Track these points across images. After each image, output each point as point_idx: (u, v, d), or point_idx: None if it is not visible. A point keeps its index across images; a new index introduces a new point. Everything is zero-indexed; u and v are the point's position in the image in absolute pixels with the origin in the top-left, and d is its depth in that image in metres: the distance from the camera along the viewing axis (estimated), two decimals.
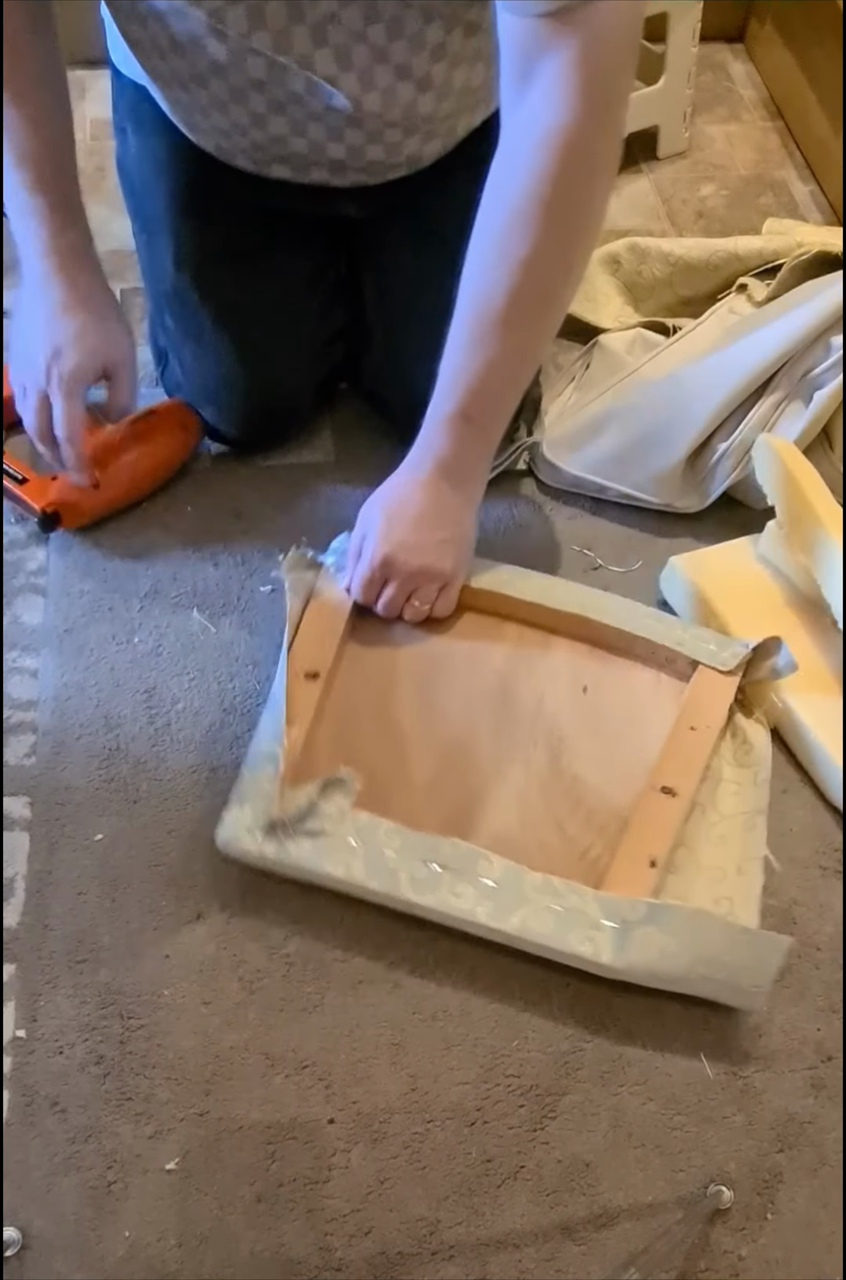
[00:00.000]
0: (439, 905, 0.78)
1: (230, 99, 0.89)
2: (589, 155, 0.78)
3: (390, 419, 1.10)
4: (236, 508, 1.07)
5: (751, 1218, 0.73)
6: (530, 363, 0.88)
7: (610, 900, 0.77)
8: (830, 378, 1.03)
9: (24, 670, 0.96)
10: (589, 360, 1.18)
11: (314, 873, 0.80)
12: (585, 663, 0.93)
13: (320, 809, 0.80)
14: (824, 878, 0.86)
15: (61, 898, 0.83)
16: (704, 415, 1.03)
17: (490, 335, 0.83)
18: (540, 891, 0.78)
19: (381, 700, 0.91)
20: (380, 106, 0.88)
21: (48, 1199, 0.72)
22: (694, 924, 0.76)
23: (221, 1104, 0.75)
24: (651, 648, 0.91)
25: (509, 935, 0.77)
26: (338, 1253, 0.71)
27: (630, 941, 0.75)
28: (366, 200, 1.00)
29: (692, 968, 0.75)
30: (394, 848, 0.79)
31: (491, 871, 0.78)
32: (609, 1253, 0.71)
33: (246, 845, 0.80)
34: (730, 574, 0.99)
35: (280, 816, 0.79)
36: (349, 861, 0.79)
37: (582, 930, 0.76)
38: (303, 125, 0.91)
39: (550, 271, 0.82)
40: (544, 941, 0.77)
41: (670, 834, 0.81)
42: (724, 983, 0.76)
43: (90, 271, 0.94)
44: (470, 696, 0.91)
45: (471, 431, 0.87)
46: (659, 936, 0.75)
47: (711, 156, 1.52)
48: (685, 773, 0.84)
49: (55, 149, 0.91)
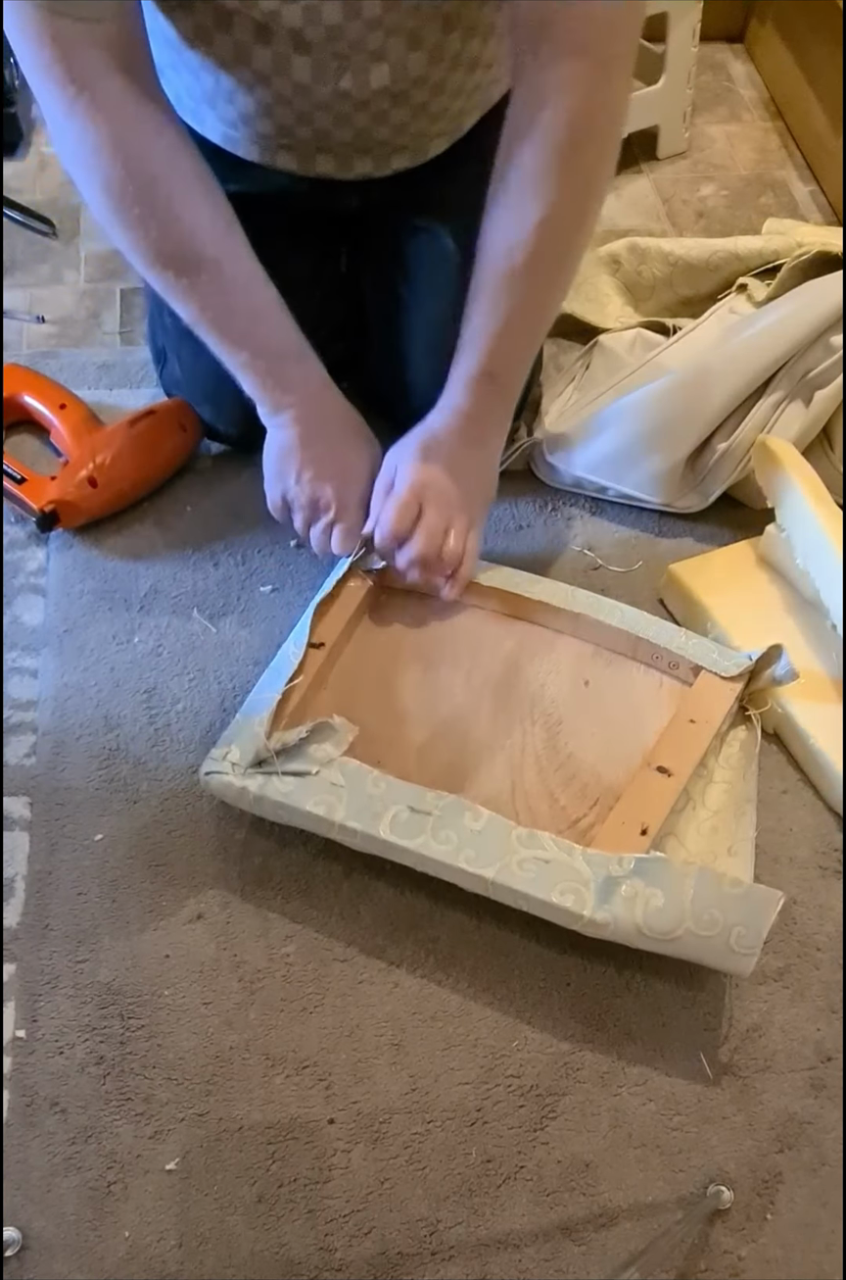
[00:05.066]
0: (419, 849, 0.77)
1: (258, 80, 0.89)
2: (599, 113, 0.82)
3: (391, 418, 1.10)
4: (236, 508, 1.07)
5: (751, 1218, 0.73)
6: (548, 318, 0.91)
7: (597, 856, 0.76)
8: (830, 377, 1.03)
9: (24, 670, 0.96)
10: (589, 360, 1.18)
11: (294, 810, 0.80)
12: (589, 660, 0.93)
13: (308, 752, 0.81)
14: (824, 878, 0.86)
15: (61, 898, 0.83)
16: (704, 415, 1.03)
17: (509, 294, 0.85)
18: (525, 844, 0.77)
19: (385, 675, 0.92)
20: (389, 80, 0.89)
21: (48, 1199, 0.72)
22: (683, 876, 0.74)
23: (222, 1104, 0.75)
24: (655, 651, 0.91)
25: (488, 883, 0.76)
26: (338, 1253, 0.71)
27: (615, 895, 0.74)
28: (369, 193, 1.00)
29: (680, 922, 0.74)
30: (379, 793, 0.79)
31: (477, 823, 0.78)
32: (609, 1253, 0.71)
33: (228, 779, 0.80)
34: (729, 581, 0.99)
35: (267, 750, 0.79)
36: (331, 801, 0.79)
37: (567, 883, 0.75)
38: (309, 114, 0.91)
39: (565, 229, 0.85)
40: (525, 889, 0.75)
41: (664, 808, 0.81)
42: (712, 941, 0.74)
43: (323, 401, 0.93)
44: (472, 677, 0.92)
45: (494, 389, 0.89)
46: (645, 889, 0.74)
47: (711, 156, 1.52)
48: (682, 756, 0.84)
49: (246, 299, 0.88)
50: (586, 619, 0.93)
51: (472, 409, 0.89)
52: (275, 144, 0.95)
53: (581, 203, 0.85)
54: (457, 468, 0.90)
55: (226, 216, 0.86)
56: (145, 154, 0.82)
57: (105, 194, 0.82)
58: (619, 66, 0.82)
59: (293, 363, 0.90)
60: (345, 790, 0.79)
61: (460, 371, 0.89)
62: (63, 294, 1.28)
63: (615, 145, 0.86)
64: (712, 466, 1.05)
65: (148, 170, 0.82)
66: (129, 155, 0.81)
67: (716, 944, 0.74)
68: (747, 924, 0.73)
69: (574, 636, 0.94)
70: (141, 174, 0.82)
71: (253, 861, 0.85)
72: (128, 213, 0.83)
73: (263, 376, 0.89)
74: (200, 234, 0.84)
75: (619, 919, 0.74)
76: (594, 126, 0.82)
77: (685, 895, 0.74)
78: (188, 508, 1.07)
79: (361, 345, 1.11)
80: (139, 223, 0.83)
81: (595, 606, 0.93)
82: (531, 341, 0.91)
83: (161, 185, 0.82)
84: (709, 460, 1.05)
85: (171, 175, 0.83)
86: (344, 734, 0.82)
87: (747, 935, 0.73)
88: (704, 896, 0.74)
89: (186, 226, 0.84)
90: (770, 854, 0.86)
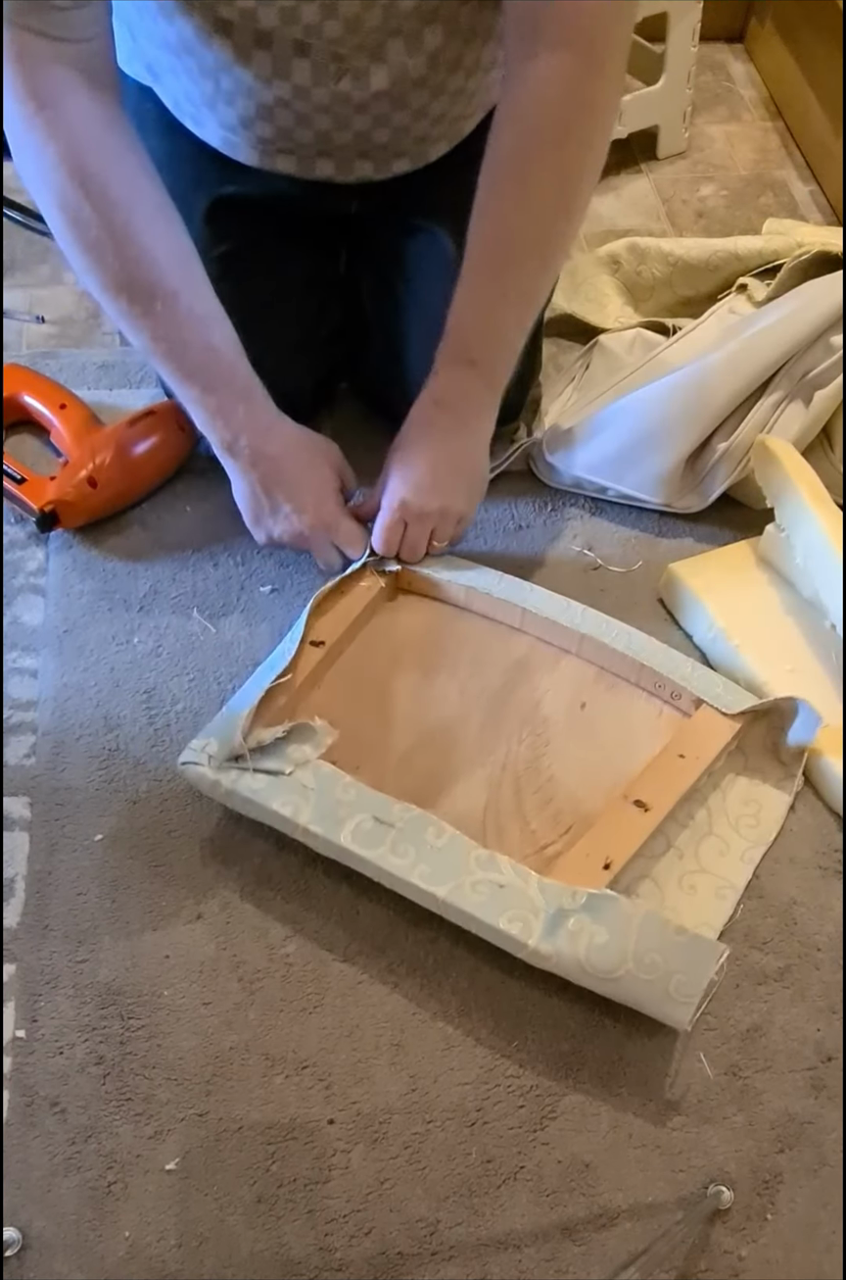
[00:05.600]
0: (375, 860, 0.77)
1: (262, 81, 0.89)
2: (584, 107, 0.82)
3: (390, 419, 1.10)
4: (236, 508, 1.06)
5: (751, 1218, 0.73)
6: (533, 304, 0.91)
7: (551, 886, 0.75)
8: (830, 377, 1.03)
9: (24, 670, 0.96)
10: (589, 360, 1.18)
11: (262, 809, 0.80)
12: (591, 683, 0.93)
13: (286, 751, 0.82)
14: (824, 878, 0.86)
15: (61, 898, 0.83)
16: (704, 415, 1.03)
17: (492, 279, 0.86)
18: (483, 866, 0.77)
19: (381, 678, 0.92)
20: (388, 83, 0.89)
21: (48, 1199, 0.72)
22: (628, 916, 0.74)
23: (221, 1104, 0.75)
24: (658, 679, 0.90)
25: (440, 902, 0.76)
26: (338, 1253, 0.71)
27: (561, 928, 0.74)
28: (367, 196, 1.00)
29: (621, 963, 0.72)
30: (348, 800, 0.80)
31: (439, 839, 0.78)
32: (609, 1253, 0.71)
33: (203, 770, 0.81)
34: (729, 581, 0.99)
35: (241, 746, 0.80)
36: (298, 803, 0.79)
37: (517, 910, 0.74)
38: (309, 117, 0.91)
39: (546, 217, 0.85)
40: (474, 913, 0.75)
41: (632, 844, 0.79)
42: (652, 986, 0.72)
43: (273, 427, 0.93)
44: (468, 688, 0.92)
45: (475, 374, 0.90)
46: (590, 925, 0.73)
47: (711, 156, 1.52)
48: (662, 792, 0.82)
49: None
50: (592, 640, 0.92)
51: (449, 395, 0.90)
52: (275, 148, 0.95)
53: (565, 192, 0.85)
54: (443, 463, 0.91)
55: (186, 248, 0.86)
56: (105, 177, 0.81)
57: (61, 211, 0.82)
58: (607, 62, 0.82)
59: (242, 401, 0.90)
60: (314, 793, 0.80)
61: (440, 358, 0.90)
62: (63, 294, 1.28)
63: (602, 139, 0.86)
64: (712, 466, 1.05)
65: (108, 194, 0.81)
66: (87, 176, 0.80)
67: (656, 989, 0.73)
68: (687, 972, 0.73)
69: (579, 657, 0.94)
70: (101, 197, 0.81)
71: (252, 861, 0.85)
72: (84, 234, 0.82)
73: (212, 414, 0.90)
74: (159, 264, 0.84)
75: (562, 952, 0.74)
76: (578, 119, 0.83)
77: (629, 936, 0.73)
78: (187, 508, 1.07)
79: (360, 345, 1.11)
80: (95, 245, 0.82)
81: (603, 629, 0.92)
82: (514, 330, 0.91)
83: (120, 210, 0.82)
84: (709, 460, 1.05)
85: (132, 201, 0.83)
86: (322, 736, 0.83)
87: (687, 984, 0.72)
88: (647, 939, 0.73)
89: (146, 255, 0.83)
90: (770, 854, 0.86)
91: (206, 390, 0.89)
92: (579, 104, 0.82)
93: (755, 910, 0.84)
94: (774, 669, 0.93)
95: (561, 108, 0.82)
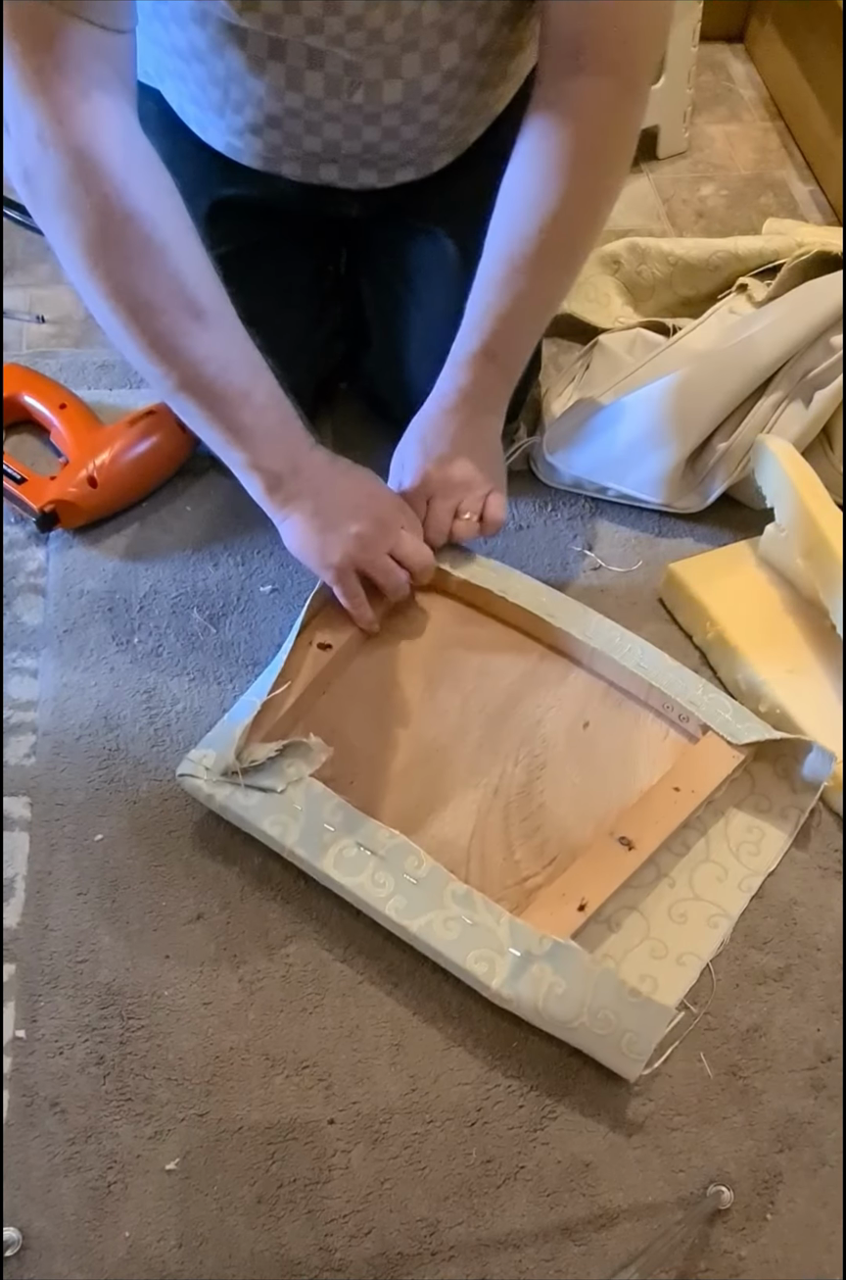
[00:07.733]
0: (354, 888, 0.78)
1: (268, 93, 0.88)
2: (624, 126, 0.87)
3: (390, 419, 1.10)
4: (236, 508, 1.06)
5: (751, 1218, 0.73)
6: (552, 306, 0.94)
7: (521, 928, 0.76)
8: (830, 377, 1.03)
9: (24, 670, 0.96)
10: (589, 360, 1.18)
11: (252, 826, 0.82)
12: (598, 700, 0.92)
13: (281, 767, 0.82)
14: (824, 878, 0.86)
15: (61, 898, 0.83)
16: (704, 415, 1.03)
17: (517, 279, 0.88)
18: (458, 901, 0.77)
19: (386, 687, 0.92)
20: (401, 97, 0.89)
21: (48, 1199, 0.72)
22: (588, 973, 0.74)
23: (221, 1104, 0.75)
24: (666, 701, 0.89)
25: (411, 935, 0.77)
26: (338, 1253, 0.71)
27: (524, 974, 0.75)
28: (369, 201, 1.00)
29: (576, 1015, 0.74)
30: (334, 823, 0.80)
31: (418, 870, 0.78)
32: (609, 1253, 0.71)
33: (199, 783, 0.82)
34: (729, 580, 0.99)
35: (235, 764, 0.81)
36: (287, 824, 0.80)
37: (484, 950, 0.76)
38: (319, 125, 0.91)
39: (577, 225, 0.88)
40: (442, 949, 0.76)
41: (611, 885, 0.79)
42: (604, 1040, 0.74)
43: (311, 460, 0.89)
44: (470, 702, 0.92)
45: (494, 368, 0.91)
46: (551, 975, 0.74)
47: (711, 156, 1.52)
48: (649, 829, 0.82)
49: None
50: (602, 655, 0.91)
51: (472, 386, 0.91)
52: (281, 154, 0.95)
53: (595, 203, 0.89)
54: (464, 440, 0.92)
55: (214, 270, 0.83)
56: (137, 191, 0.77)
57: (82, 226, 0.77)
58: (643, 84, 0.87)
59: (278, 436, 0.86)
60: (303, 814, 0.80)
61: (461, 350, 0.91)
62: (62, 294, 1.27)
63: (631, 155, 0.90)
64: (712, 466, 1.05)
65: (140, 209, 0.77)
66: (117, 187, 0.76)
67: (608, 1043, 0.74)
68: (639, 1032, 0.74)
69: (589, 671, 0.93)
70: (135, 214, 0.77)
71: (252, 861, 0.85)
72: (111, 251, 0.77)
73: (249, 469, 0.86)
74: (201, 285, 0.81)
75: (521, 997, 0.74)
76: (614, 140, 0.87)
77: (587, 990, 0.74)
78: (187, 508, 1.07)
79: (360, 346, 1.11)
80: (125, 263, 0.78)
81: (614, 644, 0.91)
82: (533, 329, 0.94)
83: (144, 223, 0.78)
84: (709, 460, 1.05)
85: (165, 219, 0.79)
86: (317, 753, 0.83)
87: (638, 1042, 0.74)
88: (603, 997, 0.74)
89: (184, 275, 0.80)
90: None
91: (243, 447, 0.86)
92: (616, 126, 0.86)
93: (755, 910, 0.84)
94: (773, 669, 0.93)
95: (599, 128, 0.85)
